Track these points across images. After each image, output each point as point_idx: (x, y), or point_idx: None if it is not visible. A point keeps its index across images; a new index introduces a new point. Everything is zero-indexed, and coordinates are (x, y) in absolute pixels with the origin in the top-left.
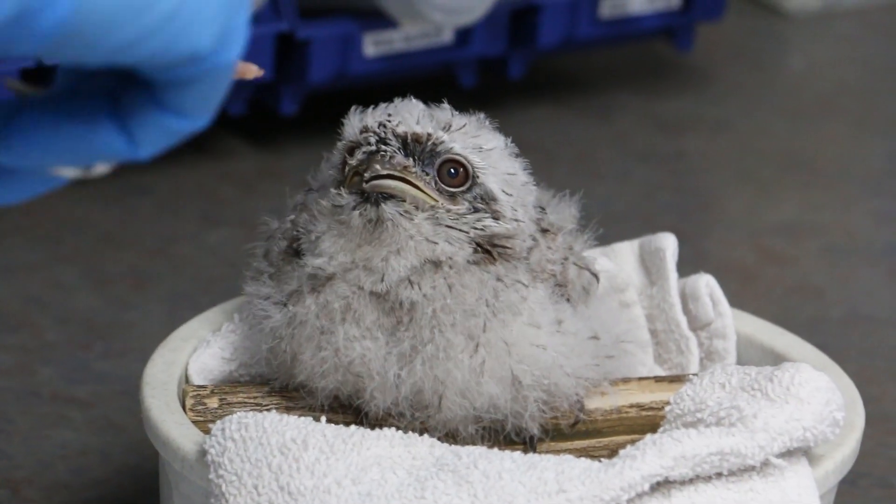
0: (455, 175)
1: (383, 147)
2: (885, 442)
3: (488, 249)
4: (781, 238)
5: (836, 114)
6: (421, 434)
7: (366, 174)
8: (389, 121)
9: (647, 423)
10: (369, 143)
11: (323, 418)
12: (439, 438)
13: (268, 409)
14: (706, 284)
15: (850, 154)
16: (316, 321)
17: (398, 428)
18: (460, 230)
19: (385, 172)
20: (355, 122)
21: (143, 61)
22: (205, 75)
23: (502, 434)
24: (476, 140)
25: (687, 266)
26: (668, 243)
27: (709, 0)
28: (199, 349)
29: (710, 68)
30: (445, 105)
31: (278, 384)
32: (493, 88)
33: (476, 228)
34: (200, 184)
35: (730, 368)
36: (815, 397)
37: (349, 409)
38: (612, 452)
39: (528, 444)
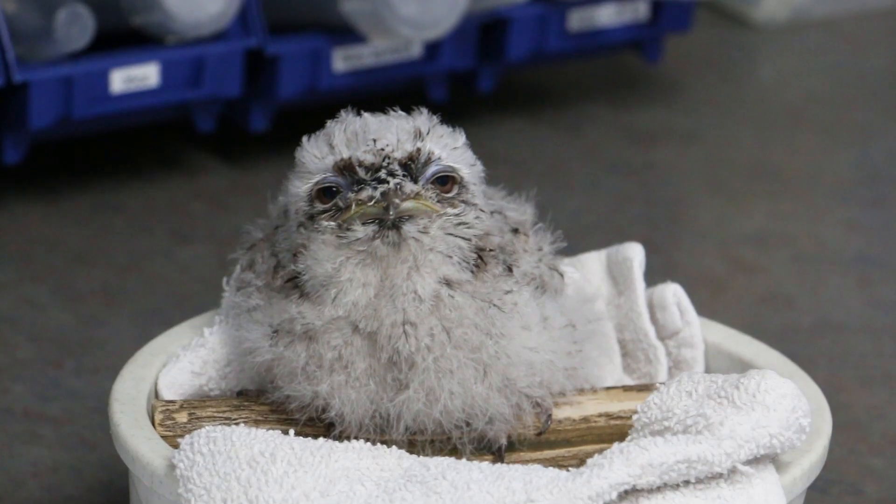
0: (446, 182)
1: (395, 180)
2: (855, 449)
3: (480, 255)
4: (751, 247)
5: (804, 124)
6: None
7: (389, 209)
8: (385, 148)
9: (615, 432)
10: (381, 181)
11: (291, 431)
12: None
13: (237, 423)
14: (673, 294)
15: (820, 163)
16: (304, 367)
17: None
18: (463, 238)
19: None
20: (321, 152)
21: None
22: None
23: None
24: (448, 140)
25: (658, 276)
26: (635, 253)
27: (677, 12)
28: (168, 364)
29: (679, 80)
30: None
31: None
32: (463, 102)
33: (472, 229)
34: (171, 200)
35: (696, 376)
36: (781, 404)
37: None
38: (581, 462)
39: (496, 454)
